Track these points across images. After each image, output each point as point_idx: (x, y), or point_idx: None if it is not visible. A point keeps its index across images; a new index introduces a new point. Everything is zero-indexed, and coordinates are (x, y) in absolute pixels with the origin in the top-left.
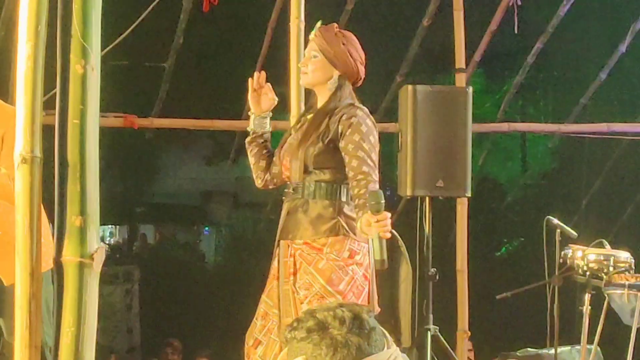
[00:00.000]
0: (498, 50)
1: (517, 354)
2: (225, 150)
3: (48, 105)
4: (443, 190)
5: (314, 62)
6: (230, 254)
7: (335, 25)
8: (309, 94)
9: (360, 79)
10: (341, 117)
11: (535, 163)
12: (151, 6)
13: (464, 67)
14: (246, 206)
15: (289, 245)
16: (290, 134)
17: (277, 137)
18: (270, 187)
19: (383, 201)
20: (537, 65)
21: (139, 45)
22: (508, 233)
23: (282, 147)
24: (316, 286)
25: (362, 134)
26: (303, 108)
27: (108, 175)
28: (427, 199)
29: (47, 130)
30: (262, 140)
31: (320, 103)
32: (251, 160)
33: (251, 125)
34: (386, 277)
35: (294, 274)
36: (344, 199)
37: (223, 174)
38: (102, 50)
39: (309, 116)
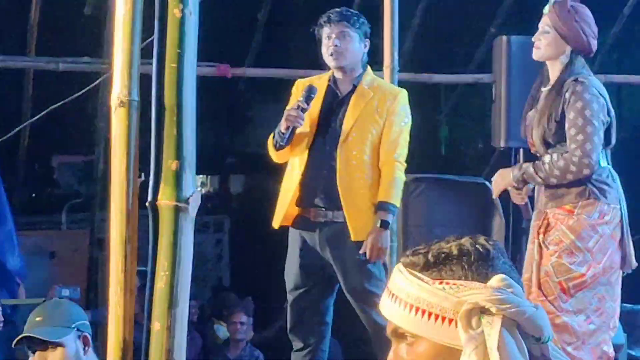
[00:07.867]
0: (593, 1)
1: None
2: None
3: (145, 54)
4: None
5: (547, 37)
6: None
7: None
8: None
9: (592, 52)
10: (565, 94)
11: (632, 116)
12: None
13: None
14: None
15: (541, 211)
16: (531, 107)
17: None
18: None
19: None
20: (633, 17)
21: None
22: None
23: (525, 119)
24: (566, 242)
25: (577, 111)
26: (396, 59)
27: (199, 125)
28: (520, 150)
29: (144, 78)
30: None
31: (552, 76)
32: None
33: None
34: (478, 230)
35: (545, 232)
36: None
37: None
38: None
39: (544, 89)
